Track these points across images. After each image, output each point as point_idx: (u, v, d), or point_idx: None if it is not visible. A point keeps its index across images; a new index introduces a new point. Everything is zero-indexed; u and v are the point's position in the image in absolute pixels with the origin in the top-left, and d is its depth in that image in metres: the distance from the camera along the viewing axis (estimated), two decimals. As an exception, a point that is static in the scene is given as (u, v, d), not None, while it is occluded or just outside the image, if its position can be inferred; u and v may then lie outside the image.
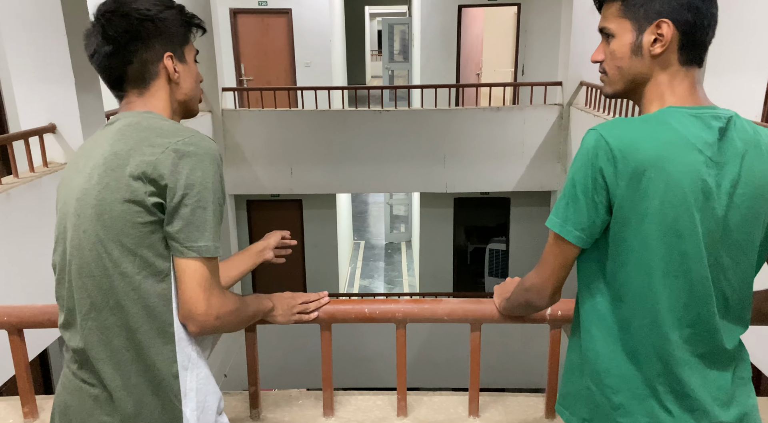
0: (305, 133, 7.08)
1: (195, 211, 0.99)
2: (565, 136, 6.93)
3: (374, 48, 21.77)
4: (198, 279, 1.00)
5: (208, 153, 1.01)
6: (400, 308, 1.39)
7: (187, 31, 1.14)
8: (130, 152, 1.00)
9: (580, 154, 0.98)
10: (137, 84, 1.10)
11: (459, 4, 8.74)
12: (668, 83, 1.01)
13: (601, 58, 1.07)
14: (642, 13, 1.00)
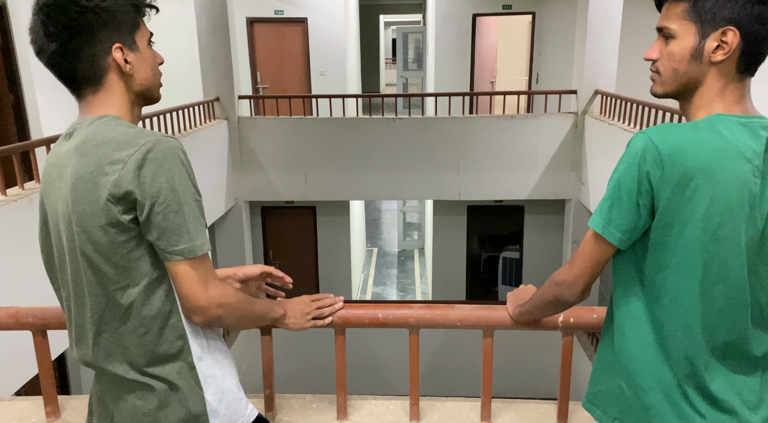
0: (319, 140, 7.14)
1: (167, 217, 0.99)
2: (579, 145, 6.92)
3: (388, 56, 21.90)
4: (190, 278, 1.02)
5: (168, 155, 0.99)
6: (413, 313, 1.41)
7: (136, 15, 1.08)
8: (95, 174, 0.99)
9: (627, 157, 0.98)
10: (89, 82, 1.06)
11: (473, 13, 8.78)
12: (720, 90, 1.01)
13: (656, 56, 1.06)
14: (709, 18, 0.99)
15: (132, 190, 0.97)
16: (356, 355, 7.31)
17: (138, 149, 0.98)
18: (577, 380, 7.45)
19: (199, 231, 1.02)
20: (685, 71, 1.02)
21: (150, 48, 1.11)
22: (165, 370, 1.06)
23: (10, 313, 1.52)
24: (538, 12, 8.69)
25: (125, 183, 0.97)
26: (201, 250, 1.02)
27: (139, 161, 0.97)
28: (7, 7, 5.42)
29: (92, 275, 1.03)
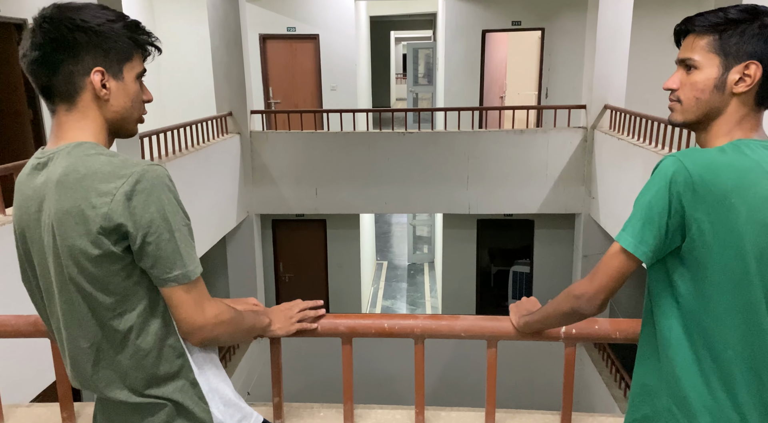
0: (330, 154, 7.22)
1: (160, 246, 0.99)
2: (589, 159, 6.93)
3: (399, 71, 22.08)
4: (186, 302, 1.03)
5: (156, 184, 0.98)
6: (419, 324, 1.45)
7: (132, 48, 1.06)
8: (82, 208, 0.98)
9: (658, 178, 1.02)
10: (64, 98, 1.04)
11: (483, 29, 8.87)
12: (739, 120, 1.07)
13: (676, 86, 1.11)
14: (733, 52, 1.04)
15: (123, 222, 0.97)
16: (367, 368, 7.31)
17: (126, 181, 0.97)
18: (587, 394, 7.38)
19: (191, 255, 1.03)
20: (707, 100, 1.07)
21: (138, 82, 1.09)
22: (168, 390, 1.07)
23: (29, 322, 1.57)
24: (548, 28, 8.76)
25: (116, 215, 0.96)
26: (194, 275, 1.03)
27: (128, 193, 0.97)
28: (27, 24, 5.58)
29: (86, 306, 1.03)
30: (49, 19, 1.01)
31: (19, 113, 5.61)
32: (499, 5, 8.76)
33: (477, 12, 8.81)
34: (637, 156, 5.51)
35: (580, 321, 1.20)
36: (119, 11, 1.07)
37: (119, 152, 1.03)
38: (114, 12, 1.05)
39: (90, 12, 1.02)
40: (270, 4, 8.95)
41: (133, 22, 1.07)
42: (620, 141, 5.96)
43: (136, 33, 1.06)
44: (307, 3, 9.02)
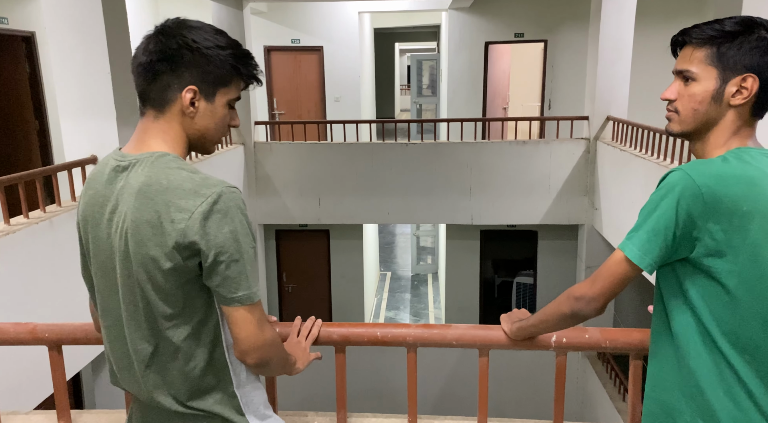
0: (334, 165, 7.26)
1: (229, 266, 1.02)
2: (592, 170, 6.94)
3: (403, 82, 22.19)
4: (248, 322, 1.06)
5: (231, 206, 1.02)
6: (411, 332, 1.46)
7: (232, 76, 1.10)
8: (161, 220, 1.01)
9: (665, 191, 1.03)
10: (155, 105, 1.09)
11: (486, 41, 8.93)
12: (735, 130, 1.09)
13: (674, 96, 1.13)
14: (731, 65, 1.06)
15: (197, 240, 1.00)
16: (370, 378, 7.29)
17: (205, 200, 1.00)
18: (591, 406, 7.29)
19: (255, 277, 1.07)
20: (704, 112, 1.09)
21: (228, 108, 1.13)
22: (208, 403, 1.11)
23: (28, 329, 1.59)
24: (550, 40, 8.81)
25: (191, 233, 1.00)
26: (257, 297, 1.07)
27: (205, 213, 1.00)
28: (36, 37, 5.68)
29: (148, 312, 1.07)
30: (165, 31, 1.07)
31: (25, 123, 5.69)
32: (502, 17, 8.82)
33: (480, 24, 8.88)
34: (639, 167, 5.51)
35: (577, 324, 1.21)
36: (234, 40, 1.11)
37: (196, 168, 1.08)
38: (227, 39, 1.09)
39: (204, 34, 1.07)
40: (275, 17, 9.05)
41: (243, 52, 1.10)
42: (623, 152, 5.96)
43: (241, 63, 1.10)
44: (311, 15, 9.12)
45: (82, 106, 4.07)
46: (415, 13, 11.30)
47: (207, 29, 1.08)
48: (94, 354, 4.05)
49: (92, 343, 1.57)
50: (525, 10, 8.72)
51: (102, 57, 3.97)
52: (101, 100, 4.04)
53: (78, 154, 4.13)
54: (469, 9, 8.80)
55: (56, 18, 3.94)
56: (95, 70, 3.99)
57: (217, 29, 1.10)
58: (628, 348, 1.37)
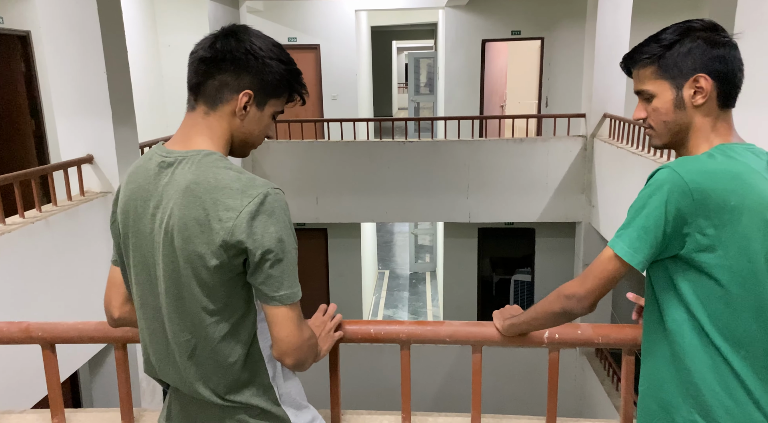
0: (331, 163, 7.26)
1: (274, 265, 1.05)
2: (589, 168, 6.94)
3: (401, 81, 22.19)
4: (289, 321, 1.08)
5: (276, 207, 1.05)
6: (404, 329, 1.46)
7: (284, 90, 1.15)
8: (209, 219, 1.04)
9: (653, 189, 1.05)
10: (208, 101, 1.11)
11: (483, 39, 8.93)
12: (711, 127, 1.12)
13: (644, 115, 1.17)
14: (677, 72, 1.11)
15: (243, 239, 1.03)
16: (364, 377, 7.29)
17: (252, 200, 1.03)
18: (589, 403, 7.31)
19: (296, 278, 1.09)
20: (674, 120, 1.13)
21: (271, 119, 1.18)
22: (245, 396, 1.13)
23: (21, 328, 1.59)
24: (547, 37, 8.81)
25: (238, 232, 1.02)
26: (297, 297, 1.08)
27: (253, 213, 1.03)
28: (31, 36, 5.67)
29: (192, 307, 1.09)
30: (235, 33, 1.11)
31: (21, 123, 5.68)
32: (499, 15, 8.82)
33: (477, 22, 8.88)
34: (636, 164, 5.51)
35: (569, 321, 1.22)
36: (290, 56, 1.16)
37: (241, 168, 1.10)
38: (287, 55, 1.15)
39: (268, 44, 1.12)
40: (271, 15, 9.04)
41: (296, 70, 1.16)
42: (619, 149, 5.97)
43: (294, 80, 1.15)
44: (307, 14, 9.11)
45: (78, 106, 4.06)
46: (412, 11, 11.29)
47: (274, 43, 1.14)
48: (91, 353, 4.05)
49: (85, 341, 1.57)
50: (522, 8, 8.72)
51: (97, 56, 3.96)
52: (97, 99, 4.03)
53: (74, 154, 4.12)
54: (466, 7, 8.80)
55: (51, 17, 3.93)
56: (91, 69, 3.99)
57: (276, 42, 1.15)
58: (621, 344, 1.37)
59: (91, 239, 3.97)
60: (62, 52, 3.98)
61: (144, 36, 7.72)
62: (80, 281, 3.84)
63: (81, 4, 3.89)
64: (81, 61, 3.98)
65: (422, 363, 7.60)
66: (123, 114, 4.20)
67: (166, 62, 7.97)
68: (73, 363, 3.77)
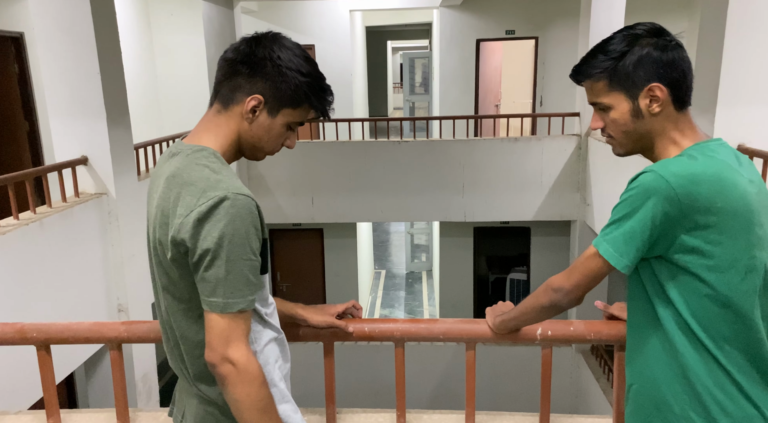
0: (326, 163, 7.26)
1: (209, 269, 1.03)
2: (583, 166, 6.97)
3: (396, 81, 22.19)
4: (214, 330, 1.05)
5: (230, 213, 1.02)
6: (399, 327, 1.47)
7: (302, 102, 1.13)
8: (170, 211, 1.07)
9: (639, 193, 1.04)
10: (222, 100, 1.14)
11: (477, 38, 8.95)
12: (674, 129, 1.12)
13: (601, 125, 1.17)
14: (630, 83, 1.10)
15: (186, 239, 1.03)
16: (362, 376, 7.29)
17: (206, 202, 1.03)
18: (585, 400, 7.31)
19: (239, 289, 1.04)
20: (634, 129, 1.12)
21: (285, 128, 1.16)
22: (214, 391, 1.14)
23: (16, 329, 1.59)
24: (541, 37, 8.84)
25: (183, 231, 1.03)
26: (231, 308, 1.04)
27: (202, 214, 1.02)
28: (25, 37, 5.65)
29: (165, 293, 1.13)
30: (258, 39, 1.13)
31: (15, 124, 5.66)
32: (493, 15, 8.84)
33: (471, 21, 8.89)
34: (630, 163, 5.50)
35: (557, 314, 1.23)
36: (318, 70, 1.14)
37: (223, 167, 1.10)
38: (312, 68, 1.13)
39: (291, 55, 1.11)
40: (265, 16, 9.03)
41: (320, 85, 1.14)
42: (613, 148, 5.99)
43: (315, 94, 1.14)
44: (302, 14, 9.11)
45: (72, 107, 4.05)
46: (407, 11, 11.30)
47: (297, 52, 1.13)
48: (87, 355, 4.04)
49: (80, 342, 1.57)
50: (515, 8, 8.74)
51: (91, 57, 3.95)
52: (91, 100, 4.02)
53: (68, 155, 4.11)
54: (460, 6, 8.82)
55: (45, 18, 3.92)
56: (85, 70, 3.98)
57: (307, 56, 1.14)
58: (613, 339, 1.39)
59: (86, 240, 3.96)
60: (56, 53, 3.97)
61: (138, 37, 7.70)
62: (75, 283, 3.83)
63: (74, 5, 3.88)
64: (75, 62, 3.97)
65: (419, 362, 7.61)
66: (117, 115, 4.20)
67: (161, 63, 7.96)
68: (69, 364, 3.77)
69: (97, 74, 3.97)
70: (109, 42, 4.11)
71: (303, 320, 1.44)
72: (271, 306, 1.23)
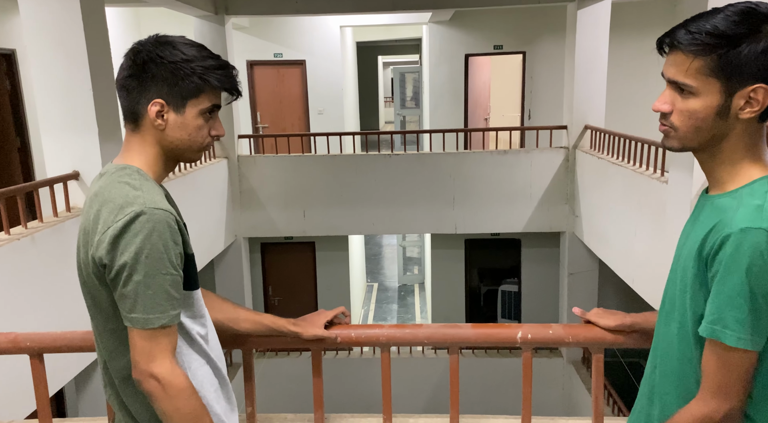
0: (318, 177, 7.32)
1: (127, 284, 1.03)
2: (571, 178, 7.06)
3: (388, 95, 22.36)
4: (136, 347, 1.05)
5: (146, 228, 1.02)
6: (384, 332, 1.51)
7: (201, 85, 1.10)
8: (90, 230, 1.08)
9: (752, 259, 0.90)
10: (129, 118, 1.14)
11: (466, 53, 9.08)
12: (747, 143, 0.97)
13: (668, 109, 0.99)
14: (737, 75, 0.92)
15: (103, 256, 1.04)
16: (355, 384, 7.28)
17: (123, 218, 1.03)
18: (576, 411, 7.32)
19: (159, 305, 1.04)
20: (709, 129, 0.96)
21: (201, 117, 1.12)
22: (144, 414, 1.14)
23: (9, 339, 1.62)
24: (529, 51, 8.99)
25: (101, 248, 1.04)
26: (152, 324, 1.04)
27: (118, 230, 1.03)
28: (17, 54, 5.69)
29: (92, 314, 1.16)
30: (137, 47, 1.11)
31: (6, 141, 5.68)
32: (481, 30, 8.99)
33: (460, 37, 9.04)
34: (617, 174, 5.63)
35: None
36: (207, 51, 1.11)
37: (145, 183, 1.09)
38: (197, 51, 1.10)
39: (172, 49, 1.09)
40: (257, 32, 9.13)
41: (211, 63, 1.10)
42: (600, 160, 6.09)
43: (208, 73, 1.09)
44: (293, 30, 9.22)
45: (64, 123, 4.09)
46: (397, 27, 11.46)
47: (178, 43, 1.10)
48: (77, 369, 4.04)
49: (74, 350, 1.60)
50: (503, 23, 8.90)
51: (83, 73, 4.00)
52: (83, 116, 4.06)
53: (60, 170, 4.14)
54: (449, 22, 8.96)
55: (37, 35, 3.97)
56: (77, 86, 4.02)
57: (190, 42, 1.12)
58: (590, 343, 1.44)
59: (78, 255, 3.97)
60: (48, 69, 4.02)
61: (130, 53, 7.75)
62: (67, 298, 3.84)
63: (66, 21, 3.93)
64: (66, 78, 4.02)
65: (413, 373, 7.62)
66: (109, 130, 4.23)
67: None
68: (60, 379, 3.76)
69: (89, 90, 4.02)
70: (101, 57, 4.16)
71: (295, 335, 1.46)
72: (207, 328, 1.20)
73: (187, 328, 1.15)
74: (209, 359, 1.19)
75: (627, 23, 8.15)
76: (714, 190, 1.03)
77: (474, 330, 1.49)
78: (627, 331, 1.39)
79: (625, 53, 8.03)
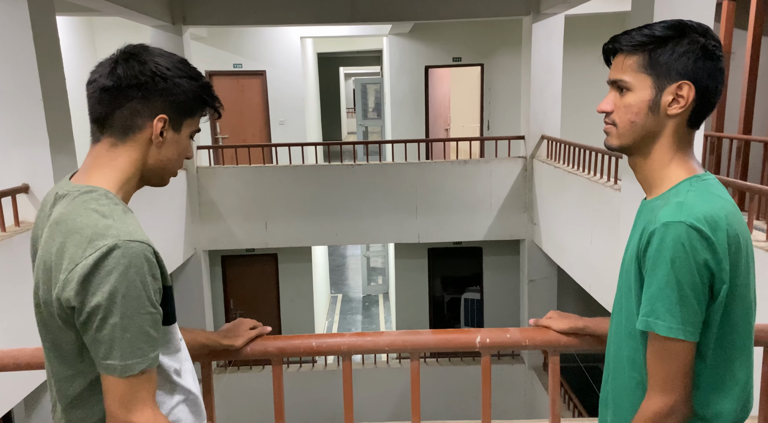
0: (280, 188, 7.27)
1: (101, 328, 0.92)
2: (530, 187, 7.23)
3: (350, 106, 22.44)
4: (113, 396, 0.95)
5: (122, 263, 0.92)
6: (345, 341, 1.51)
7: (197, 106, 1.07)
8: (53, 266, 0.96)
9: (675, 251, 0.95)
10: (117, 132, 1.03)
11: (425, 65, 9.22)
12: (677, 143, 1.04)
13: (611, 108, 1.07)
14: (664, 72, 1.00)
15: (71, 297, 0.93)
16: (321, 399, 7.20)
17: (93, 253, 0.92)
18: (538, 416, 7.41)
19: (139, 348, 0.94)
20: (643, 123, 1.03)
21: (189, 139, 1.10)
22: None
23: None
24: (486, 64, 9.18)
25: (68, 288, 0.93)
26: (131, 370, 0.94)
27: (89, 267, 0.91)
28: None
29: (50, 357, 1.03)
30: (135, 56, 1.03)
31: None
32: (440, 42, 9.14)
33: (419, 49, 9.17)
34: (573, 183, 5.80)
35: None
36: (197, 70, 1.09)
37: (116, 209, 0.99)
38: (195, 70, 1.08)
39: (175, 63, 1.04)
40: (216, 42, 9.05)
41: (207, 83, 1.09)
42: (557, 169, 6.25)
43: (207, 94, 1.08)
44: (253, 40, 9.17)
45: (14, 135, 3.95)
46: (357, 39, 11.54)
47: (176, 59, 1.07)
48: (26, 391, 3.87)
49: (22, 368, 1.54)
50: (461, 36, 9.07)
51: (33, 83, 3.89)
52: (33, 128, 3.94)
53: (8, 183, 4.00)
54: (409, 34, 9.09)
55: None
56: (26, 96, 3.90)
57: (183, 59, 1.09)
58: (545, 345, 1.47)
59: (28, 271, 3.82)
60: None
61: (83, 63, 7.57)
62: (17, 315, 3.69)
63: (15, 32, 3.82)
64: (16, 89, 3.89)
65: (378, 382, 7.60)
66: (61, 142, 4.12)
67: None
68: (7, 402, 3.60)
69: (40, 101, 3.90)
70: (53, 68, 4.05)
71: (230, 347, 1.45)
72: (183, 360, 1.12)
73: (165, 366, 1.06)
74: (187, 394, 1.12)
75: (580, 36, 8.43)
76: (649, 195, 1.10)
77: (434, 336, 1.51)
78: (580, 334, 1.43)
79: (579, 65, 8.30)
